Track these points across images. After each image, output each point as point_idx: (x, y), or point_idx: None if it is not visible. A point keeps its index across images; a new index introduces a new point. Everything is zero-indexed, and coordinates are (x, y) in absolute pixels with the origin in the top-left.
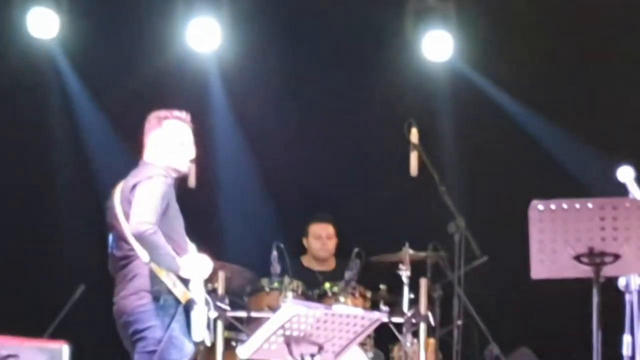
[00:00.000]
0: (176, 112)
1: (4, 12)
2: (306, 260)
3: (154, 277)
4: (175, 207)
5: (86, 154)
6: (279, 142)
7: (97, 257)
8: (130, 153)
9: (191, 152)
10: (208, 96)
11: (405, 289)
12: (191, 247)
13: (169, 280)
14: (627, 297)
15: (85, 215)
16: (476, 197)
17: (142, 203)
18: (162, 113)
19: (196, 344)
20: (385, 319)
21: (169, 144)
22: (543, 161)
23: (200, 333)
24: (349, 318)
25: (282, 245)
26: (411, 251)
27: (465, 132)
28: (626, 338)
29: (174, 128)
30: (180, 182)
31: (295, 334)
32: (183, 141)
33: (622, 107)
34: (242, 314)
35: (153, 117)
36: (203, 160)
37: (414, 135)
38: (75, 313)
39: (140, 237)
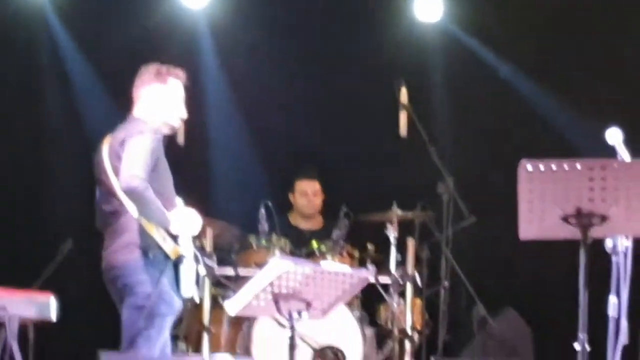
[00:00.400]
0: (176, 70)
1: None
2: (293, 218)
3: (143, 232)
4: (164, 163)
5: (76, 109)
6: (268, 99)
7: (85, 212)
8: (119, 108)
9: (184, 111)
10: (198, 52)
11: (393, 249)
12: (179, 202)
13: (158, 235)
14: (614, 258)
15: (74, 169)
16: (465, 158)
17: (132, 158)
18: (163, 69)
19: (185, 300)
20: (372, 279)
21: (169, 101)
22: (533, 123)
23: (189, 289)
24: (338, 275)
25: (270, 204)
26: (399, 211)
27: (455, 93)
28: (612, 299)
29: (175, 86)
30: (169, 139)
31: (283, 290)
32: (181, 100)
33: (611, 69)
34: (229, 271)
35: (152, 72)
36: (192, 117)
37: (404, 95)
38: (63, 266)
39: (130, 192)
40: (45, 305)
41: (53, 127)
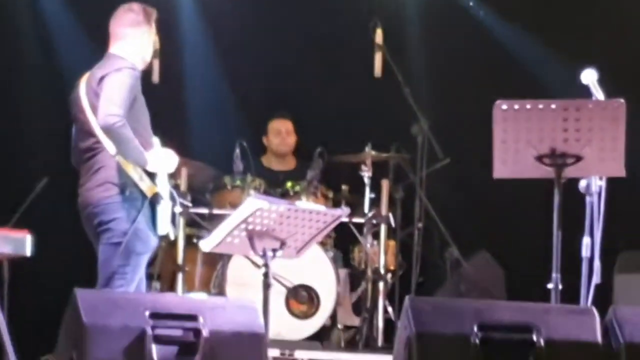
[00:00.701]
0: (153, 10)
1: None
2: (266, 160)
3: (120, 170)
4: (142, 101)
5: (52, 46)
6: (244, 41)
7: (61, 149)
8: (95, 46)
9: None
10: (179, 5)
11: (367, 190)
12: (155, 141)
13: (135, 173)
14: (588, 199)
15: (50, 108)
16: (441, 100)
17: (110, 95)
18: (149, 10)
19: (160, 238)
20: (346, 217)
21: (150, 43)
22: (509, 65)
23: (165, 227)
24: (312, 214)
25: (245, 144)
26: (373, 152)
27: (431, 35)
28: (585, 240)
29: (154, 28)
30: (144, 77)
31: (258, 228)
32: (152, 36)
33: (587, 11)
34: (204, 210)
35: (141, 13)
36: (168, 57)
37: (379, 35)
38: (39, 204)
39: (108, 130)
40: (20, 242)
41: (28, 64)
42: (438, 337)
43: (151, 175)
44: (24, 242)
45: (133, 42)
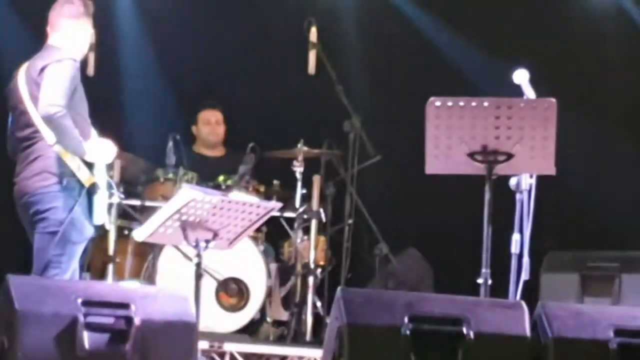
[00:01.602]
0: (91, 4)
1: None
2: (197, 148)
3: (58, 160)
4: (81, 92)
5: None
6: (179, 36)
7: None
8: (32, 36)
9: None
10: None
11: (299, 185)
12: (93, 132)
13: (73, 163)
14: (518, 196)
15: None
16: (373, 98)
17: (51, 86)
18: (88, 2)
19: (96, 227)
20: (277, 212)
21: (88, 34)
22: (441, 64)
23: (101, 217)
24: (245, 206)
25: (178, 137)
26: (305, 148)
27: (364, 33)
28: (515, 236)
29: (91, 20)
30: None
31: (191, 219)
32: (90, 28)
33: (518, 14)
34: (136, 202)
35: (80, 5)
36: (103, 49)
37: (313, 34)
38: None
39: (49, 120)
40: None
41: None
42: (369, 328)
43: (89, 165)
44: None
45: (72, 34)
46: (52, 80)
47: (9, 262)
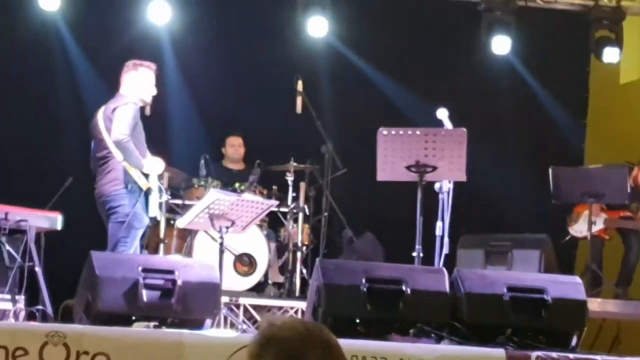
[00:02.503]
0: (146, 62)
1: None
2: (225, 163)
3: (124, 171)
4: (140, 126)
5: (78, 90)
6: (209, 85)
7: (82, 158)
8: (110, 92)
9: (154, 90)
10: (162, 53)
11: (290, 189)
12: (148, 153)
13: (135, 173)
14: (440, 196)
15: (74, 130)
16: (341, 130)
17: (121, 120)
18: (137, 61)
19: (151, 219)
20: (275, 207)
21: (140, 83)
22: (388, 106)
23: (154, 211)
24: (253, 203)
25: (207, 156)
26: (295, 164)
27: (336, 86)
28: (438, 224)
29: (145, 72)
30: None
31: (216, 212)
32: (150, 82)
33: (443, 71)
34: (178, 201)
35: (131, 63)
36: (156, 97)
37: (300, 85)
38: (67, 194)
39: (118, 144)
40: (54, 220)
41: (63, 103)
42: (338, 286)
43: (146, 175)
44: (57, 220)
45: (127, 84)
46: (120, 117)
47: (90, 243)
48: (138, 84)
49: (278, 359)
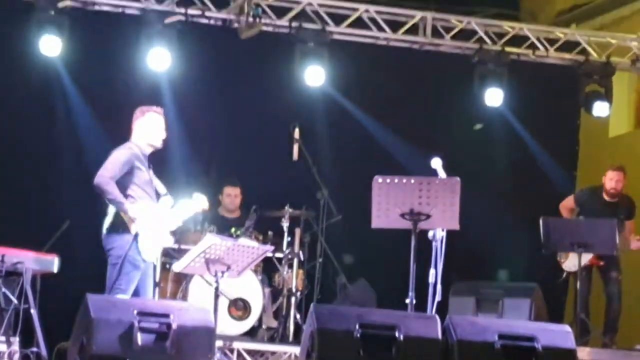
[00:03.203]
0: (153, 107)
1: (22, 37)
2: (221, 211)
3: (116, 214)
4: (142, 169)
5: (76, 133)
6: (207, 132)
7: (78, 203)
8: (108, 136)
9: (163, 134)
10: (162, 98)
11: (285, 235)
12: (165, 198)
13: (126, 217)
14: (434, 244)
15: (71, 175)
16: (336, 177)
17: (105, 163)
18: (145, 107)
19: (145, 262)
20: (270, 253)
21: (147, 128)
22: (383, 155)
23: (148, 255)
24: (248, 248)
25: None
26: (290, 210)
27: (332, 133)
28: (431, 271)
29: (152, 117)
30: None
31: (212, 257)
32: (157, 126)
33: (437, 121)
34: (175, 245)
35: (139, 110)
36: (159, 152)
37: (297, 133)
38: (63, 237)
39: (95, 186)
40: (50, 262)
41: (62, 146)
42: (332, 332)
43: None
44: (53, 263)
45: (135, 130)
46: (107, 160)
47: (86, 286)
48: (146, 129)
49: None
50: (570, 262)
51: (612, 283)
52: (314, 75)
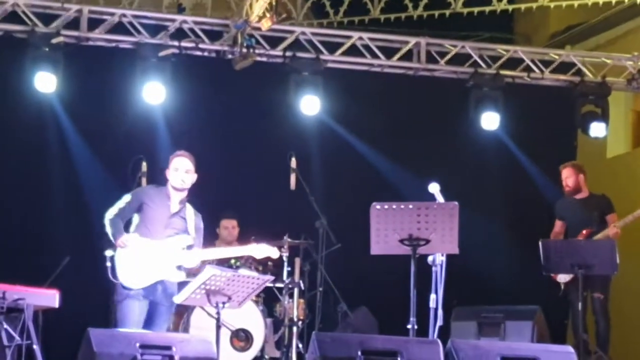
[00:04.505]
0: (177, 152)
1: (17, 74)
2: (218, 243)
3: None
4: (153, 207)
5: (74, 170)
6: (204, 164)
7: (77, 240)
8: (105, 170)
9: (181, 175)
10: (157, 131)
11: (285, 265)
12: (178, 237)
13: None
14: (434, 269)
15: (70, 214)
16: (334, 205)
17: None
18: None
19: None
20: (271, 283)
21: (169, 172)
22: (380, 181)
23: (128, 281)
24: (249, 279)
25: None
26: (289, 240)
27: (329, 162)
28: (432, 296)
29: (172, 161)
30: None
31: (212, 288)
32: (174, 170)
33: (434, 147)
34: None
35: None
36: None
37: (293, 162)
38: (64, 273)
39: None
40: (51, 297)
41: (59, 182)
42: (335, 359)
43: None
44: (54, 298)
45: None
46: None
47: (88, 320)
48: (169, 173)
49: None
50: (562, 276)
51: (594, 302)
52: (310, 104)
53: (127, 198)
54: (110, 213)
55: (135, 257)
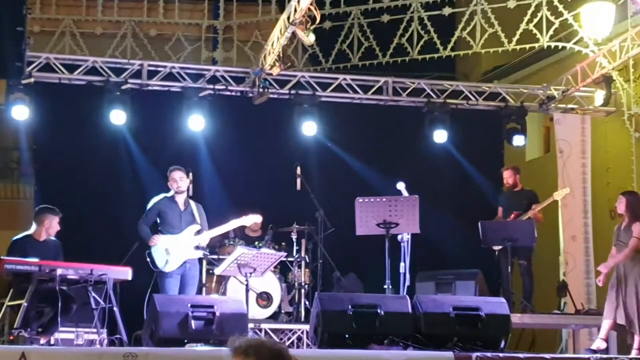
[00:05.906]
0: (171, 167)
1: (97, 111)
2: (247, 231)
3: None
4: (167, 212)
5: (140, 181)
6: (234, 174)
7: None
8: (162, 180)
9: (175, 187)
10: (199, 152)
11: (294, 244)
12: (191, 227)
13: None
14: (402, 244)
15: (138, 211)
16: (329, 200)
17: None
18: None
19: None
20: (284, 258)
21: (170, 182)
22: (362, 182)
23: (163, 264)
24: (268, 255)
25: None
26: (297, 226)
27: (324, 169)
28: (401, 264)
29: (173, 173)
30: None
31: (242, 262)
32: (173, 180)
33: (400, 156)
34: (215, 256)
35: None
36: (195, 185)
37: (298, 170)
38: (135, 255)
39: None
40: (126, 272)
41: (129, 191)
42: (332, 312)
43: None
44: (128, 273)
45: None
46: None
47: (153, 288)
48: (170, 184)
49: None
50: (496, 247)
51: (520, 267)
52: (309, 128)
53: (148, 209)
54: (140, 222)
55: (165, 249)
